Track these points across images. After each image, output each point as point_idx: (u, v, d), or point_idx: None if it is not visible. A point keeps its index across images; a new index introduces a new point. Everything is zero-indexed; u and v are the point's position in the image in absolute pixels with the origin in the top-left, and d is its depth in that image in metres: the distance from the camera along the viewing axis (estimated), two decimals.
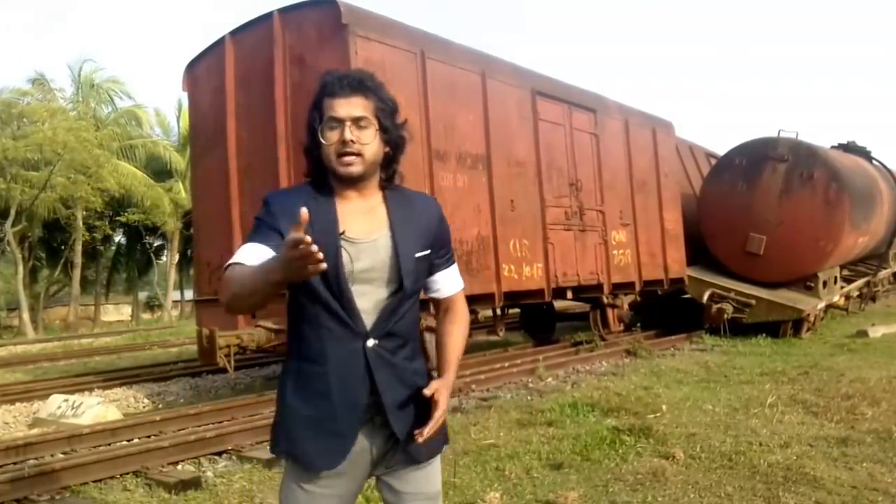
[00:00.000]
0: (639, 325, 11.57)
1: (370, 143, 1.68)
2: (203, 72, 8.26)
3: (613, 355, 9.65)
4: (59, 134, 20.69)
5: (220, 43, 7.97)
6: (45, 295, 29.69)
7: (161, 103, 34.59)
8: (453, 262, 1.89)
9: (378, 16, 7.37)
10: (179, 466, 4.94)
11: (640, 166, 11.25)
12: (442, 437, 1.83)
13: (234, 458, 5.13)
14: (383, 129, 1.70)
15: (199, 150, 8.61)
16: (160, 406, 7.99)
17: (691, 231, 12.51)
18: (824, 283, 12.04)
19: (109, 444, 5.55)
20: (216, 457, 5.19)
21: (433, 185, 7.37)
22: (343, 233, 1.67)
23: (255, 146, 7.53)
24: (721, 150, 13.87)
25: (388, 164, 1.76)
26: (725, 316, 11.21)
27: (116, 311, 35.70)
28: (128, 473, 4.71)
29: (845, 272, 14.10)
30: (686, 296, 12.21)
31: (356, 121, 1.66)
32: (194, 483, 4.44)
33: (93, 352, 14.55)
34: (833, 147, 14.32)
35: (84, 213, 24.87)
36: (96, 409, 6.66)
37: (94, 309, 31.20)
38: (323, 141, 1.68)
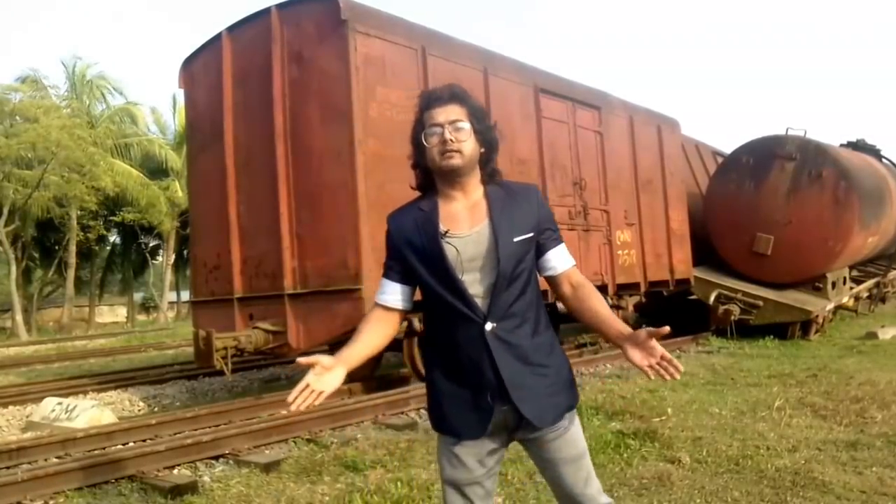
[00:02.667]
0: (644, 326, 11.42)
1: (467, 141, 1.95)
2: (200, 68, 8.16)
3: (618, 357, 9.53)
4: (52, 132, 20.49)
5: (216, 39, 7.88)
6: (39, 296, 29.48)
7: (157, 100, 34.43)
8: (561, 242, 2.09)
9: (378, 11, 7.27)
10: (175, 471, 4.85)
11: (645, 165, 11.14)
12: (566, 399, 2.02)
13: (231, 462, 5.05)
14: (477, 131, 1.97)
15: (195, 148, 8.50)
16: (156, 409, 7.92)
17: (697, 231, 12.40)
18: (833, 284, 11.95)
19: (104, 448, 5.46)
20: (213, 461, 5.10)
21: None
22: (446, 232, 1.95)
23: (253, 143, 7.44)
24: (728, 149, 13.81)
25: (486, 163, 2.02)
26: (732, 317, 11.12)
27: (111, 313, 35.56)
28: (123, 478, 4.62)
29: (854, 273, 14.02)
30: (692, 297, 12.11)
31: (453, 123, 1.94)
32: (190, 488, 4.36)
33: (87, 354, 14.43)
34: (842, 145, 14.25)
35: (78, 212, 24.69)
36: (91, 412, 6.58)
37: (89, 310, 30.88)
38: (426, 144, 1.96)
